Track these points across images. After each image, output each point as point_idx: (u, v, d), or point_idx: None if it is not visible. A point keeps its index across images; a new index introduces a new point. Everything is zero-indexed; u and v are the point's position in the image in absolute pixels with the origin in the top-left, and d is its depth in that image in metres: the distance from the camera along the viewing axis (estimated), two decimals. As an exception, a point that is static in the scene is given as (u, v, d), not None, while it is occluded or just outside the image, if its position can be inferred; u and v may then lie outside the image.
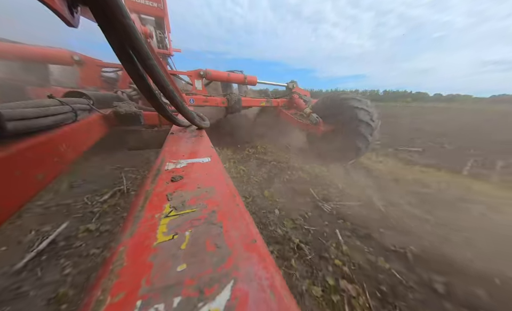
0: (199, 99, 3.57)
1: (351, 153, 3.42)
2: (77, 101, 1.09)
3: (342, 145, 3.52)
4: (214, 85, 4.90)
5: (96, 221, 1.79)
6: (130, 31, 0.54)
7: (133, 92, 2.07)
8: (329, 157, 3.73)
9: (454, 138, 6.98)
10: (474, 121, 12.55)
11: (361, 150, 3.37)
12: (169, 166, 0.67)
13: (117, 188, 2.33)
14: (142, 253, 0.31)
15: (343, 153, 3.51)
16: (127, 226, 0.38)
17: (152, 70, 0.66)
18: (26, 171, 0.57)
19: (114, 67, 3.44)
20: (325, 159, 3.74)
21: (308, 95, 4.98)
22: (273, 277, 0.28)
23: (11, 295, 1.15)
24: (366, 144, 3.31)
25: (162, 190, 0.51)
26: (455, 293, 1.31)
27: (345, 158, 3.55)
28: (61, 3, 0.48)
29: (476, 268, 1.49)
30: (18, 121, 0.57)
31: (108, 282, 0.26)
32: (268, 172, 3.13)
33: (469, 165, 4.22)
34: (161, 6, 4.75)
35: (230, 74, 4.29)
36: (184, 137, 1.11)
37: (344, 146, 3.48)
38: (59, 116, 0.80)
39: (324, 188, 2.72)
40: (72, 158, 0.85)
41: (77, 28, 0.59)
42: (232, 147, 4.35)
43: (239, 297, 0.25)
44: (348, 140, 3.42)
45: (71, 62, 2.98)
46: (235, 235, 0.36)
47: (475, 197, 2.80)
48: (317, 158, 3.86)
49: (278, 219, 1.97)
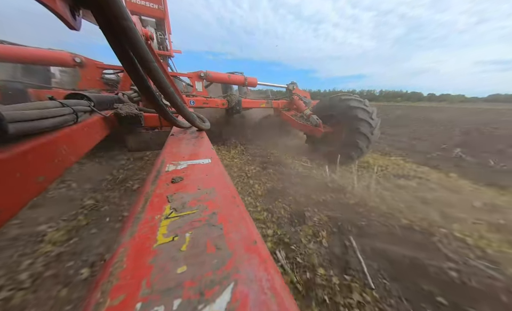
0: (200, 101, 3.58)
1: (352, 153, 3.42)
2: (78, 103, 1.10)
3: (342, 145, 3.51)
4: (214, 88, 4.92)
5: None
6: (131, 34, 0.55)
7: (134, 94, 2.07)
8: (330, 158, 3.73)
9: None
10: (437, 116, 14.90)
11: (363, 150, 3.35)
12: (169, 167, 0.67)
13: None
14: (142, 255, 0.31)
15: (344, 153, 3.50)
16: (127, 227, 0.37)
17: (152, 71, 0.66)
18: (28, 173, 0.57)
19: (115, 69, 3.46)
20: (325, 159, 3.74)
21: (307, 96, 4.99)
22: (274, 279, 0.28)
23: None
24: (367, 143, 3.30)
25: (163, 192, 0.51)
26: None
27: (347, 159, 3.54)
28: (63, 7, 0.48)
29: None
30: (19, 123, 0.58)
31: (108, 284, 0.26)
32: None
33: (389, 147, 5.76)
34: (161, 7, 4.78)
35: (231, 75, 4.31)
36: (184, 139, 1.11)
37: (345, 146, 3.47)
38: (60, 118, 0.80)
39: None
40: (73, 160, 0.85)
41: (78, 31, 0.59)
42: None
43: (239, 300, 0.25)
44: (348, 141, 3.41)
45: (73, 64, 2.99)
46: (235, 237, 0.36)
47: (406, 173, 3.73)
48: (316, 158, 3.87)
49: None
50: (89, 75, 3.16)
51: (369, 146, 3.40)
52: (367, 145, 3.35)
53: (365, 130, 3.22)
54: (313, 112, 3.92)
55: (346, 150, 3.45)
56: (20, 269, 1.35)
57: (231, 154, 3.97)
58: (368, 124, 3.22)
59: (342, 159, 3.53)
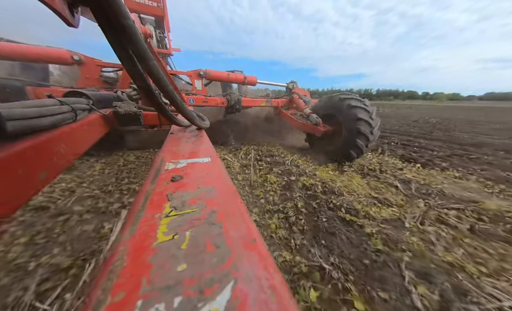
0: (199, 99, 3.57)
1: (352, 152, 3.42)
2: (77, 101, 1.09)
3: (342, 144, 3.51)
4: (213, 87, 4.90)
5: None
6: (131, 31, 0.55)
7: (133, 92, 2.06)
8: (329, 157, 3.74)
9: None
10: (407, 112, 17.82)
11: (362, 150, 3.36)
12: (169, 166, 0.67)
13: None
14: (142, 253, 0.31)
15: (343, 152, 3.51)
16: (127, 225, 0.38)
17: (152, 70, 0.66)
18: (26, 171, 0.57)
19: (114, 67, 3.44)
20: (324, 159, 3.75)
21: (307, 95, 4.98)
22: (273, 277, 0.28)
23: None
24: (366, 142, 3.30)
25: (162, 190, 0.51)
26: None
27: (347, 158, 3.55)
28: (62, 4, 0.48)
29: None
30: (18, 121, 0.57)
31: (108, 282, 0.26)
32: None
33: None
34: (161, 5, 4.76)
35: (230, 74, 4.30)
36: (184, 137, 1.11)
37: (344, 145, 3.48)
38: (59, 116, 0.80)
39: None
40: (72, 158, 0.85)
41: (77, 28, 0.59)
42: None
43: (239, 298, 0.25)
44: (348, 140, 3.41)
45: (71, 61, 2.97)
46: (235, 235, 0.36)
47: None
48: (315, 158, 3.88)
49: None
50: (88, 73, 3.15)
51: (368, 145, 3.40)
52: (367, 144, 3.35)
53: (365, 129, 3.22)
54: (313, 111, 3.93)
55: (346, 150, 3.46)
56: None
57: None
58: (368, 124, 3.23)
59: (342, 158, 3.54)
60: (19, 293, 1.08)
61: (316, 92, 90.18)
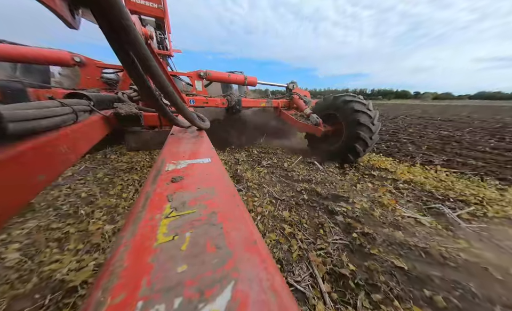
0: (199, 100, 3.57)
1: (350, 154, 3.42)
2: (78, 102, 1.09)
3: (341, 146, 3.51)
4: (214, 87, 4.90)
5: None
6: (131, 33, 0.55)
7: (134, 93, 2.06)
8: (328, 158, 3.74)
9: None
10: (383, 109, 21.28)
11: (360, 154, 3.37)
12: (169, 167, 0.67)
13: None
14: (143, 254, 0.31)
15: (342, 154, 3.51)
16: (127, 226, 0.38)
17: (152, 71, 0.66)
18: (27, 172, 0.57)
19: (115, 68, 3.45)
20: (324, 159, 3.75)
21: (307, 95, 4.98)
22: (274, 278, 0.28)
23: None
24: (365, 147, 3.31)
25: (163, 191, 0.51)
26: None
27: (345, 160, 3.55)
28: (62, 5, 0.48)
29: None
30: (19, 122, 0.58)
31: (108, 283, 0.26)
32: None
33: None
34: (161, 6, 4.77)
35: (230, 75, 4.30)
36: (184, 138, 1.11)
37: (343, 147, 3.48)
38: (60, 118, 0.80)
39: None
40: (72, 160, 0.85)
41: (77, 30, 0.59)
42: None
43: (239, 299, 0.25)
44: (347, 142, 3.41)
45: (72, 63, 2.98)
46: (235, 236, 0.36)
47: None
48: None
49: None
50: (89, 75, 3.16)
51: (366, 149, 3.39)
52: (365, 149, 3.36)
53: (365, 134, 3.22)
54: (313, 111, 3.93)
55: (345, 152, 3.47)
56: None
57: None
58: (369, 129, 3.22)
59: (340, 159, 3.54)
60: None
61: (314, 92, 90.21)
